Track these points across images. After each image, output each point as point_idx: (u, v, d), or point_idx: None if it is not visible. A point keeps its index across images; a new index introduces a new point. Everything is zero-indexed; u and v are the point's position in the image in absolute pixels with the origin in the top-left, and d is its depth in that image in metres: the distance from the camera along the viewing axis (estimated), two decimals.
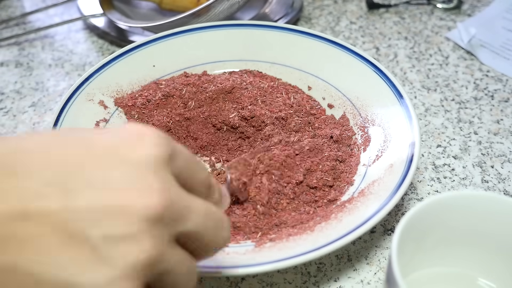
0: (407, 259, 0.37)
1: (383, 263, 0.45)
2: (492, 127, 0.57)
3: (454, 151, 0.55)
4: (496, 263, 0.39)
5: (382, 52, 0.68)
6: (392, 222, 0.48)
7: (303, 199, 0.46)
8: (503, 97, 0.61)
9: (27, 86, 0.65)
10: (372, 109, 0.52)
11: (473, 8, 0.75)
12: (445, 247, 0.39)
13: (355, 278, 0.44)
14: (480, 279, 0.40)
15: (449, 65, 0.66)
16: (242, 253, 0.41)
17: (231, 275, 0.39)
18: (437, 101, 0.61)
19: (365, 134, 0.51)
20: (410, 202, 0.50)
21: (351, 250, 0.46)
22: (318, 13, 0.76)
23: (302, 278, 0.44)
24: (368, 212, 0.41)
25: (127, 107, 0.54)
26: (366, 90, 0.53)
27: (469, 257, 0.39)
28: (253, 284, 0.44)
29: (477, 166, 0.53)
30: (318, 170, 0.47)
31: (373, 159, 0.48)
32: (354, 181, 0.47)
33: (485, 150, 0.55)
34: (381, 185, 0.44)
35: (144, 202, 0.25)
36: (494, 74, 0.64)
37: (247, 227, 0.44)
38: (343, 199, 0.46)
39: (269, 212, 0.44)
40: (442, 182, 0.51)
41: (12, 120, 0.61)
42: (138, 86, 0.56)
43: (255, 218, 0.44)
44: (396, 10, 0.76)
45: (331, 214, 0.44)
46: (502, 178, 0.52)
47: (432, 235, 0.38)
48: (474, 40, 0.69)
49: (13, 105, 0.63)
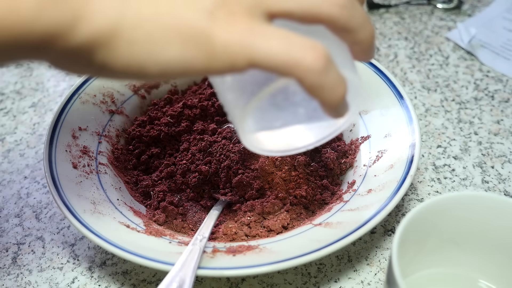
0: (408, 259, 0.37)
1: (383, 264, 0.45)
2: (492, 127, 0.57)
3: (455, 152, 0.55)
4: (497, 264, 0.39)
5: (382, 52, 0.68)
6: (393, 223, 0.48)
7: None
8: (504, 97, 0.61)
9: (27, 87, 0.65)
10: (372, 110, 0.52)
11: (473, 8, 0.75)
12: (446, 248, 0.39)
13: (355, 278, 0.44)
14: (481, 280, 0.40)
15: (449, 66, 0.66)
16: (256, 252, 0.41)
17: (232, 275, 0.39)
18: (437, 101, 0.61)
19: (366, 134, 0.51)
20: (411, 203, 0.50)
21: (351, 251, 0.46)
22: None
23: (303, 279, 0.44)
24: (368, 212, 0.41)
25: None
26: (366, 91, 0.53)
27: (470, 258, 0.39)
28: (253, 284, 0.44)
29: (477, 166, 0.53)
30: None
31: (374, 159, 0.48)
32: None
33: (486, 151, 0.55)
34: (381, 185, 0.44)
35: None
36: (494, 74, 0.64)
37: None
38: (343, 199, 0.46)
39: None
40: (442, 183, 0.51)
41: (12, 120, 0.61)
42: (139, 86, 0.57)
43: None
44: (396, 10, 0.76)
45: (331, 215, 0.44)
46: (503, 178, 0.52)
47: (433, 236, 0.38)
48: (474, 40, 0.69)
49: (13, 105, 0.63)
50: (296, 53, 0.27)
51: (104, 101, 0.54)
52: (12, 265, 0.46)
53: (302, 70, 0.27)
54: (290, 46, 0.27)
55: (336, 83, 0.28)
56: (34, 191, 0.53)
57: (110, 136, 0.53)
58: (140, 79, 0.31)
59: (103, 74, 0.30)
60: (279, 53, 0.27)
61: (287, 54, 0.27)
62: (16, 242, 0.48)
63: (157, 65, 0.28)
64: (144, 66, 0.28)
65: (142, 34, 0.27)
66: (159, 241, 0.42)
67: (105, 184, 0.47)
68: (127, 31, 0.27)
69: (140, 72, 0.28)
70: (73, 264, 0.46)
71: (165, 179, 0.50)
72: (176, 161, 0.51)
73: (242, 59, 0.27)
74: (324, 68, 0.27)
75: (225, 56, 0.27)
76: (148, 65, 0.28)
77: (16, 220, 0.50)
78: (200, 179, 0.48)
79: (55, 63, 0.30)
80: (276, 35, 0.28)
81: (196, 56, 0.28)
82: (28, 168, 0.55)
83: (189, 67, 0.28)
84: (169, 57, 0.28)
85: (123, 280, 0.45)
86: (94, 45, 0.27)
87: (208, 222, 0.44)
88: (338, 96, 0.29)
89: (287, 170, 0.48)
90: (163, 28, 0.27)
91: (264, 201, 0.46)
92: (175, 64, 0.28)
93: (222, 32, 0.27)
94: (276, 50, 0.27)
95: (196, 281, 0.44)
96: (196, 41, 0.27)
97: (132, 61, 0.28)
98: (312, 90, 0.28)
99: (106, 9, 0.27)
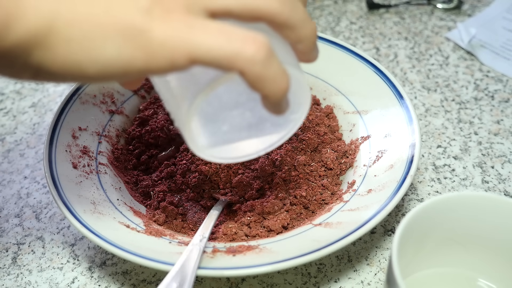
0: (408, 259, 0.37)
1: (383, 264, 0.45)
2: (492, 127, 0.57)
3: (455, 152, 0.55)
4: (496, 264, 0.39)
5: (382, 53, 0.68)
6: (393, 223, 0.48)
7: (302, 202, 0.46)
8: (503, 97, 0.61)
9: (27, 87, 0.65)
10: (372, 110, 0.52)
11: (473, 8, 0.75)
12: (446, 248, 0.39)
13: (355, 279, 0.44)
14: (480, 280, 0.40)
15: (449, 66, 0.66)
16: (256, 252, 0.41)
17: (231, 275, 0.39)
18: (437, 101, 0.61)
19: (366, 134, 0.51)
20: (411, 203, 0.50)
21: (351, 251, 0.46)
22: (318, 13, 0.76)
23: (303, 279, 0.44)
24: (368, 212, 0.41)
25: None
26: (366, 91, 0.53)
27: (470, 257, 0.39)
28: (253, 284, 0.44)
29: (477, 166, 0.53)
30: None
31: (374, 159, 0.48)
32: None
33: (486, 151, 0.55)
34: (381, 185, 0.44)
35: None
36: (494, 75, 0.64)
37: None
38: (343, 199, 0.46)
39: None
40: (442, 183, 0.51)
41: (12, 120, 0.61)
42: (139, 86, 0.57)
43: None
44: (396, 10, 0.76)
45: (331, 215, 0.44)
46: (503, 178, 0.52)
47: (433, 236, 0.38)
48: (474, 40, 0.69)
49: (13, 105, 0.63)
50: (237, 45, 0.27)
51: (104, 101, 0.54)
52: (12, 265, 0.46)
53: (243, 61, 0.27)
54: (230, 38, 0.27)
55: (278, 75, 0.28)
56: (34, 191, 0.53)
57: (110, 136, 0.53)
58: (80, 81, 0.30)
59: (41, 76, 0.29)
60: (219, 46, 0.27)
61: (228, 47, 0.27)
62: (16, 242, 0.48)
63: (95, 64, 0.28)
64: (82, 65, 0.28)
65: (78, 32, 0.27)
66: (159, 241, 0.42)
67: (105, 184, 0.47)
68: (63, 29, 0.27)
69: (78, 72, 0.28)
70: (73, 264, 0.46)
71: (165, 179, 0.50)
72: (176, 161, 0.51)
73: (182, 55, 0.27)
74: (265, 59, 0.27)
75: (164, 53, 0.27)
76: (86, 65, 0.28)
77: (16, 220, 0.50)
78: (200, 179, 0.48)
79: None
80: (215, 29, 0.27)
81: (134, 54, 0.27)
82: (28, 168, 0.55)
83: (128, 66, 0.28)
84: (107, 56, 0.27)
85: (123, 280, 0.45)
86: (30, 45, 0.27)
87: (208, 222, 0.44)
88: (280, 89, 0.28)
89: (287, 170, 0.48)
90: (99, 26, 0.27)
91: (264, 201, 0.46)
92: (113, 62, 0.28)
93: (160, 28, 0.27)
94: (216, 44, 0.27)
95: (196, 281, 0.44)
96: (133, 38, 0.27)
97: (70, 60, 0.27)
98: (254, 82, 0.28)
99: (41, 6, 0.27)
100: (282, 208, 0.46)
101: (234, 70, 0.28)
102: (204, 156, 0.35)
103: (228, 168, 0.48)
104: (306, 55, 0.32)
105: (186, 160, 0.50)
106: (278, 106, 0.30)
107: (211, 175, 0.48)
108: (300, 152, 0.50)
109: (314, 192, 0.48)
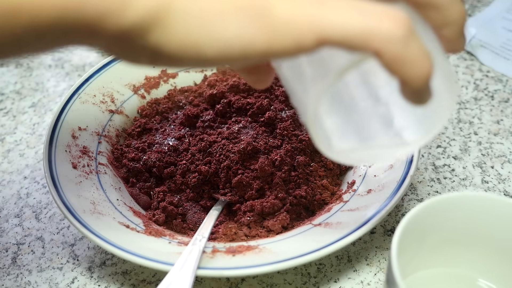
0: (407, 259, 0.37)
1: (383, 264, 0.45)
2: (492, 127, 0.57)
3: (454, 152, 0.55)
4: (496, 264, 0.39)
5: None
6: (392, 223, 0.48)
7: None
8: (503, 97, 0.61)
9: (27, 87, 0.65)
10: None
11: (473, 8, 0.75)
12: (445, 248, 0.39)
13: (355, 279, 0.44)
14: (480, 280, 0.40)
15: None
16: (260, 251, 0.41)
17: (231, 275, 0.39)
18: None
19: None
20: (410, 203, 0.50)
21: (351, 251, 0.46)
22: None
23: (302, 279, 0.44)
24: (368, 213, 0.41)
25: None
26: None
27: (469, 257, 0.39)
28: (253, 285, 0.44)
29: (477, 166, 0.53)
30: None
31: None
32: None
33: (485, 151, 0.55)
34: (381, 185, 0.44)
35: None
36: (494, 75, 0.64)
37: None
38: (343, 199, 0.46)
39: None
40: (442, 183, 0.51)
41: (12, 120, 0.61)
42: (138, 86, 0.57)
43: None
44: None
45: (331, 215, 0.44)
46: (502, 178, 0.52)
47: (432, 236, 0.38)
48: (474, 40, 0.69)
49: (13, 105, 0.63)
50: (372, 22, 0.24)
51: (104, 101, 0.54)
52: (12, 265, 0.46)
53: (380, 40, 0.24)
54: (365, 14, 0.24)
55: (420, 56, 0.24)
56: (34, 191, 0.53)
57: (110, 136, 0.53)
58: (198, 64, 0.28)
59: (159, 60, 0.28)
60: (352, 23, 0.24)
61: (362, 24, 0.24)
62: (16, 242, 0.48)
63: (214, 44, 0.26)
64: (201, 46, 0.26)
65: (197, 10, 0.25)
66: (158, 241, 0.42)
67: (105, 184, 0.47)
68: (181, 8, 0.25)
69: (196, 54, 0.26)
70: (72, 264, 0.46)
71: (165, 179, 0.50)
72: (176, 161, 0.51)
73: (310, 36, 0.24)
74: (405, 37, 0.24)
75: (290, 33, 0.25)
76: (205, 45, 0.26)
77: (16, 220, 0.50)
78: (200, 179, 0.48)
79: (108, 49, 0.28)
80: (347, 5, 0.24)
81: (256, 34, 0.25)
82: (28, 168, 0.55)
83: (248, 47, 0.25)
84: (227, 35, 0.25)
85: (123, 280, 0.45)
86: (147, 25, 0.26)
87: (207, 222, 0.44)
88: (423, 72, 0.25)
89: (287, 170, 0.48)
90: (217, 3, 0.25)
91: (264, 201, 0.46)
92: (232, 43, 0.25)
93: (283, 5, 0.25)
94: (348, 21, 0.24)
95: (196, 281, 0.44)
96: (253, 16, 0.25)
97: (188, 40, 0.26)
98: (392, 64, 0.24)
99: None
100: (282, 209, 0.46)
101: (368, 51, 0.24)
102: (331, 154, 0.31)
103: (227, 169, 0.48)
104: (451, 43, 0.28)
105: (186, 160, 0.50)
106: (419, 94, 0.26)
107: (210, 175, 0.48)
108: (300, 152, 0.50)
109: (314, 192, 0.48)
